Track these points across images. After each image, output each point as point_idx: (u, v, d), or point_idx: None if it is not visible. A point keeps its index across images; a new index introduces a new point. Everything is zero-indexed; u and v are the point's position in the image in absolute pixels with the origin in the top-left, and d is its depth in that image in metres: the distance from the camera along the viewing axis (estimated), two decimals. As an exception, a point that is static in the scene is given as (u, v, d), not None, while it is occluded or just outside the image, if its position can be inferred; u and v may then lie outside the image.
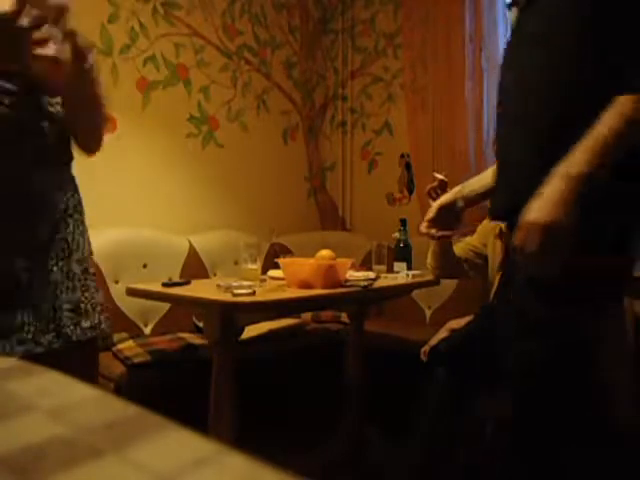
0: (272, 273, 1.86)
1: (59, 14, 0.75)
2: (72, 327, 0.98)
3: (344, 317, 2.39)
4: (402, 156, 3.06)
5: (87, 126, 1.03)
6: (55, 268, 0.99)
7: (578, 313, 0.89)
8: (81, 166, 2.29)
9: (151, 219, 2.48)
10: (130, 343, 1.99)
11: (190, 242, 2.49)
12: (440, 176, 1.70)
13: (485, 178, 1.40)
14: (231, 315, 1.49)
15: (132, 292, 1.68)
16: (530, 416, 0.95)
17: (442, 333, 1.69)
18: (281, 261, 1.68)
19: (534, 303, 0.91)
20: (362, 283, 1.58)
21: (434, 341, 1.66)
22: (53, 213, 1.00)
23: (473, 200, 1.42)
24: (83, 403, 0.38)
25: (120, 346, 1.96)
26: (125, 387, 1.74)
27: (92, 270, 1.10)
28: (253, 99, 2.94)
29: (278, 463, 0.30)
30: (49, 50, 0.79)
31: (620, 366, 1.03)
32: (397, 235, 1.96)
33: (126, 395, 1.71)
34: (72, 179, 1.12)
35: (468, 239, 1.89)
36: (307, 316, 2.51)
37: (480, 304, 1.79)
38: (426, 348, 1.75)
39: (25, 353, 0.89)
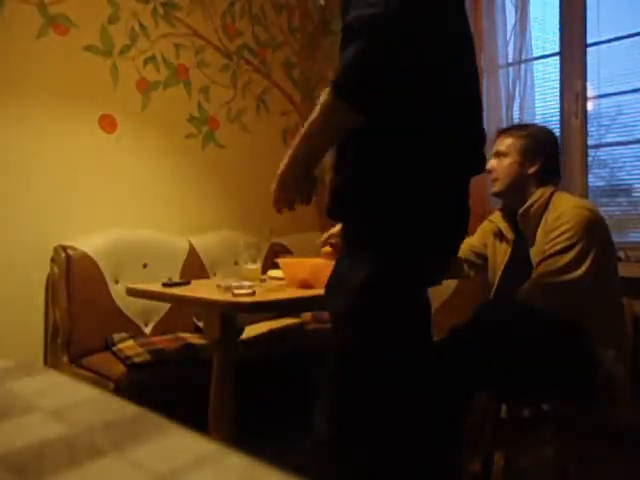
0: (272, 273, 1.86)
1: None
2: None
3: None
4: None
5: None
6: None
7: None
8: (82, 166, 2.31)
9: (151, 219, 2.48)
10: (130, 343, 1.99)
11: (190, 242, 2.49)
12: None
13: None
14: (231, 315, 1.49)
15: (132, 292, 1.68)
16: None
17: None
18: (280, 261, 1.68)
19: None
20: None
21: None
22: None
23: None
24: (83, 403, 0.38)
25: (120, 346, 1.96)
26: (125, 387, 1.74)
27: None
28: (253, 99, 2.94)
29: (278, 463, 0.30)
30: None
31: None
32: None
33: (126, 395, 1.71)
34: None
35: (468, 239, 1.89)
36: (307, 316, 2.51)
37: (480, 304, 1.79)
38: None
39: None
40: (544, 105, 2.51)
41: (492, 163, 1.70)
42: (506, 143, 1.67)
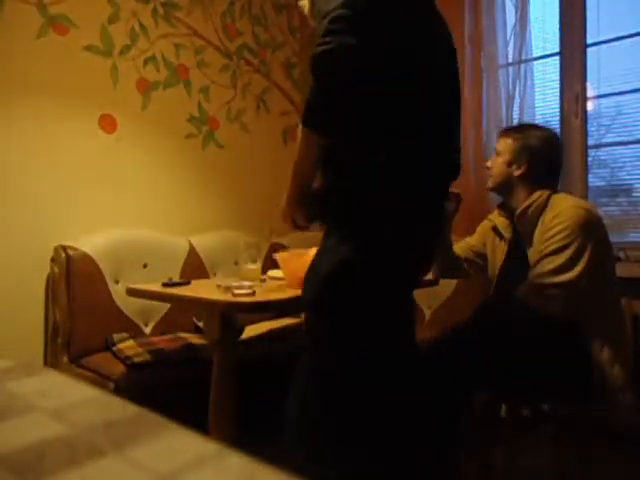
0: (272, 273, 1.86)
1: None
2: None
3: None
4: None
5: None
6: None
7: None
8: (82, 166, 2.31)
9: (151, 219, 2.48)
10: (130, 343, 1.99)
11: (190, 242, 2.49)
12: (455, 190, 1.72)
13: None
14: (231, 315, 1.49)
15: (132, 292, 1.68)
16: None
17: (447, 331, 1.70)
18: (278, 256, 1.68)
19: None
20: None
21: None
22: None
23: None
24: (83, 403, 0.38)
25: (120, 346, 1.96)
26: (125, 387, 1.74)
27: None
28: (253, 99, 2.94)
29: (278, 463, 0.30)
30: None
31: None
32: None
33: (126, 395, 1.71)
34: None
35: (468, 239, 1.90)
36: (307, 316, 2.50)
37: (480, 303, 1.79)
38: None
39: None
40: (544, 105, 2.51)
41: (490, 160, 1.74)
42: (503, 143, 1.70)
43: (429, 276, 1.84)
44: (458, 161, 1.28)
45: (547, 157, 1.66)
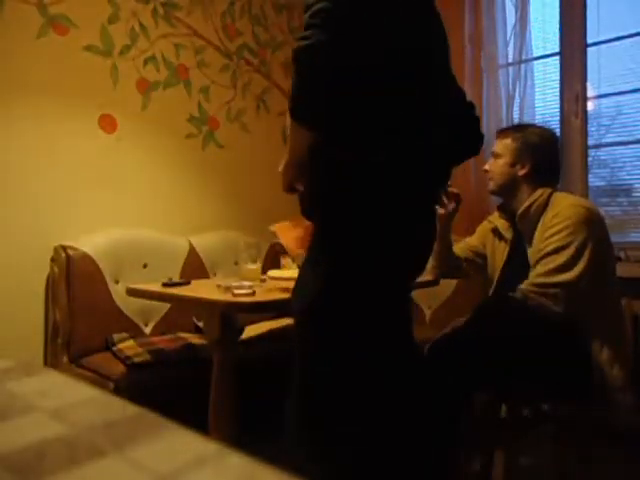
0: (272, 273, 1.86)
1: None
2: None
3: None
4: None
5: None
6: None
7: None
8: (82, 166, 2.31)
9: (151, 219, 2.47)
10: (130, 343, 1.99)
11: (190, 242, 2.49)
12: (455, 190, 1.72)
13: None
14: (231, 315, 1.49)
15: (132, 292, 1.68)
16: None
17: (447, 330, 1.70)
18: (276, 227, 1.68)
19: None
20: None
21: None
22: None
23: None
24: (83, 403, 0.38)
25: (120, 346, 1.96)
26: (125, 387, 1.74)
27: None
28: (253, 99, 2.94)
29: (278, 463, 0.30)
30: None
31: None
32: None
33: (126, 395, 1.71)
34: None
35: (468, 239, 1.90)
36: (307, 316, 2.50)
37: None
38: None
39: None
40: (544, 105, 2.51)
41: (489, 163, 1.74)
42: (502, 144, 1.70)
43: (429, 276, 1.84)
44: (480, 132, 1.29)
45: (546, 155, 1.67)
